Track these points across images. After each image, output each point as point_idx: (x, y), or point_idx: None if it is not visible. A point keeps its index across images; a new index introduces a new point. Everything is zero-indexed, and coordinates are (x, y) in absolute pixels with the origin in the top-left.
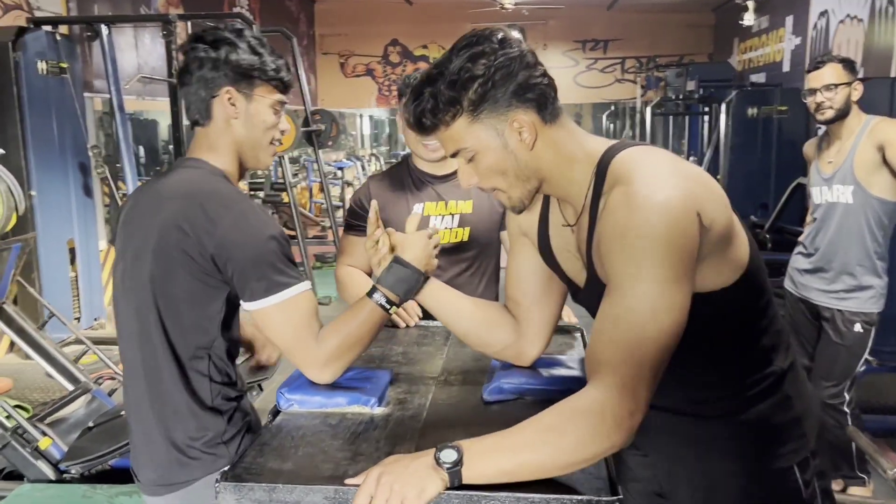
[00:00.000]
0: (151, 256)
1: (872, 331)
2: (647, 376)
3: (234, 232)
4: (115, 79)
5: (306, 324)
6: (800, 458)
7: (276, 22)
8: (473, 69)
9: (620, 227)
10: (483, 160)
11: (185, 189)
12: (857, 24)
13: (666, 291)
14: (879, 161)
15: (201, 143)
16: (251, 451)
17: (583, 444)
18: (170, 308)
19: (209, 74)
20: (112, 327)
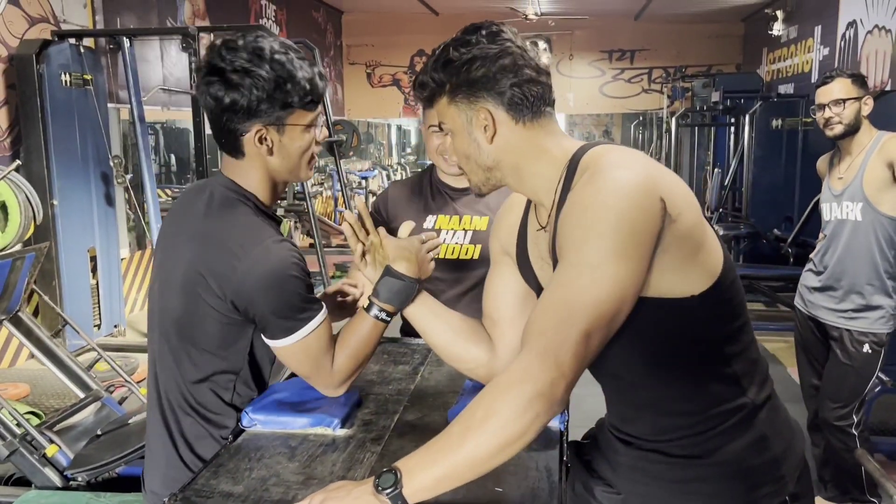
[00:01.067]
0: (178, 298)
1: (882, 352)
2: (575, 343)
3: (252, 276)
4: (136, 90)
5: (324, 353)
6: (776, 501)
7: (304, 33)
8: (451, 54)
9: (576, 201)
10: (454, 140)
11: (208, 229)
12: (885, 35)
13: (610, 263)
14: (889, 178)
15: (237, 171)
16: (205, 473)
17: (507, 422)
18: (195, 344)
19: (228, 116)
20: (132, 334)
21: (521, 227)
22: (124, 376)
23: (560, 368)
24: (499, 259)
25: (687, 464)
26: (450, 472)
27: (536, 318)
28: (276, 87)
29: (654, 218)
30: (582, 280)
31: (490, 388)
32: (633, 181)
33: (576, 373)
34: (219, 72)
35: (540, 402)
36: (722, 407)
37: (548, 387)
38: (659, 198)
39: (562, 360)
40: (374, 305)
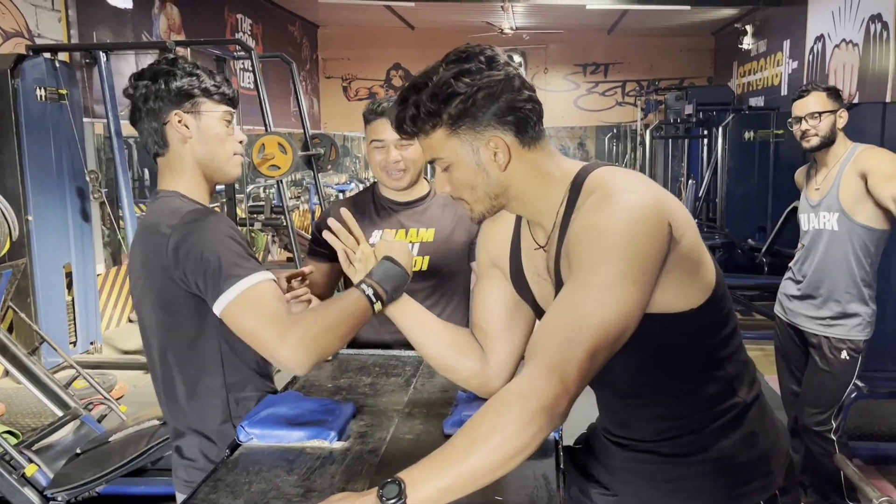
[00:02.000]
0: (148, 303)
1: (860, 358)
2: (580, 361)
3: (183, 244)
4: (113, 104)
5: (270, 309)
6: (767, 495)
7: (280, 47)
8: (456, 86)
9: (588, 225)
10: (456, 172)
11: (144, 226)
12: (852, 49)
13: (619, 286)
14: (864, 189)
15: (164, 173)
16: (204, 487)
17: (511, 436)
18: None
19: (155, 105)
20: (108, 351)
21: (514, 243)
22: (103, 393)
23: (564, 384)
24: (487, 272)
25: (681, 462)
26: (454, 484)
27: (543, 335)
28: (189, 76)
29: (662, 242)
30: (590, 301)
31: (494, 402)
32: (644, 206)
33: (579, 389)
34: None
35: (543, 417)
36: (716, 408)
37: (551, 402)
38: (667, 222)
39: (567, 376)
40: (365, 282)
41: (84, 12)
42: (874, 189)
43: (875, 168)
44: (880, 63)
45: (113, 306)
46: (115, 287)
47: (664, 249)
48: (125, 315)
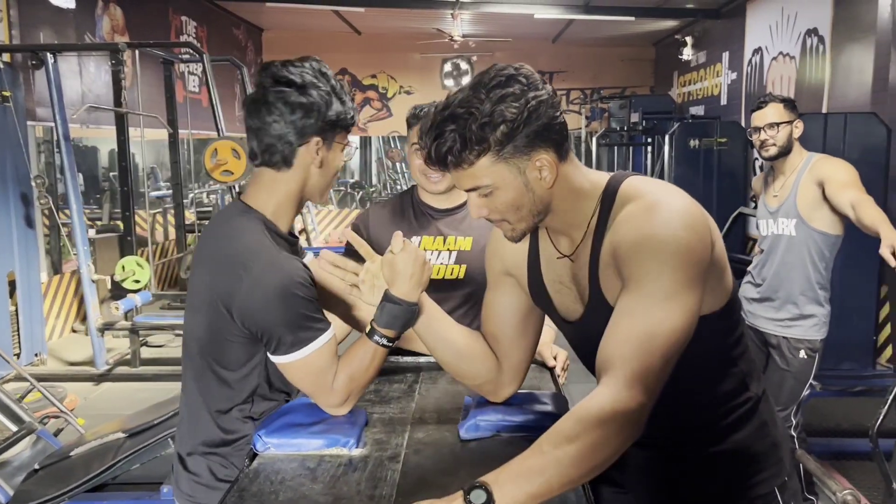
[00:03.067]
0: (200, 320)
1: (817, 357)
2: (657, 370)
3: (257, 293)
4: (61, 107)
5: (326, 372)
6: (780, 481)
7: (224, 50)
8: (505, 112)
9: (641, 232)
10: (501, 196)
11: (219, 250)
12: (789, 62)
13: (683, 293)
14: (820, 196)
15: (264, 184)
16: (231, 498)
17: (600, 445)
18: (218, 363)
19: (301, 122)
20: (53, 363)
21: (532, 252)
22: (60, 406)
23: (647, 394)
24: (500, 280)
25: (698, 456)
26: (543, 490)
27: (618, 345)
28: (340, 104)
29: (709, 246)
30: (660, 311)
31: (582, 413)
32: (692, 213)
33: (656, 396)
34: (288, 81)
35: (630, 427)
36: (731, 402)
37: (637, 412)
38: (708, 226)
39: (648, 386)
40: (375, 332)
41: (26, 13)
42: (832, 196)
43: (832, 176)
44: (816, 75)
45: (56, 316)
46: (58, 295)
47: (710, 252)
48: (69, 325)
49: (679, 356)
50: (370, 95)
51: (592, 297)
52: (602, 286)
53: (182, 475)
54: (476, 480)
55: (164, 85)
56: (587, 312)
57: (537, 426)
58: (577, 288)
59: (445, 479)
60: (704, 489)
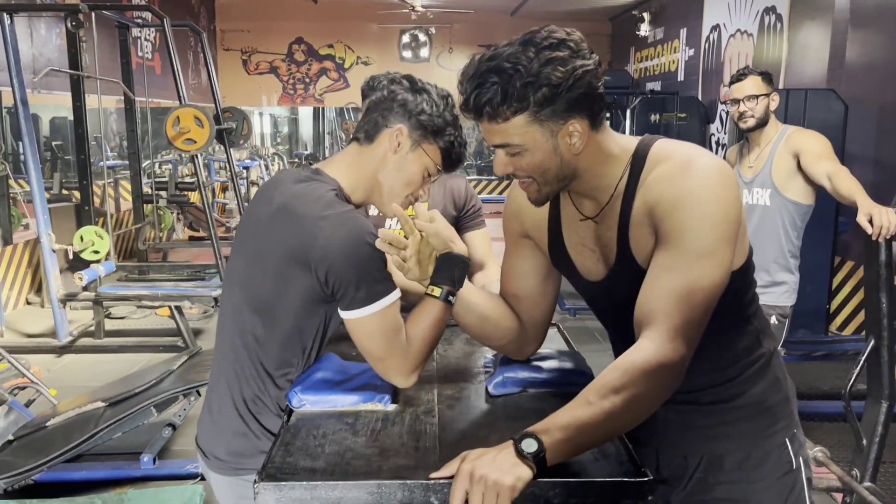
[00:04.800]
0: (264, 273)
1: (787, 322)
2: (698, 323)
3: (334, 242)
4: (18, 70)
5: (397, 333)
6: (790, 433)
7: (177, 15)
8: (552, 75)
9: (679, 190)
10: (528, 157)
11: (291, 202)
12: (746, 39)
13: (720, 249)
14: (794, 167)
15: (348, 157)
16: (278, 451)
17: (646, 396)
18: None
19: (396, 108)
20: (11, 336)
21: (553, 214)
22: (32, 378)
23: (689, 346)
24: (519, 242)
25: (716, 409)
26: (590, 440)
27: (659, 300)
28: (443, 119)
29: (740, 204)
30: (700, 266)
31: (627, 365)
32: (726, 171)
33: (695, 347)
34: (411, 80)
35: (672, 378)
36: (748, 358)
37: (679, 363)
38: (738, 185)
39: (690, 338)
40: (444, 289)
41: None
42: (808, 167)
43: (807, 148)
44: (773, 53)
45: (10, 287)
46: (10, 267)
47: (741, 212)
48: (23, 296)
49: (713, 308)
50: (327, 66)
51: (620, 257)
52: (632, 245)
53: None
54: (525, 430)
55: (119, 50)
56: (612, 272)
57: (563, 382)
58: (601, 249)
59: (483, 432)
60: (721, 442)
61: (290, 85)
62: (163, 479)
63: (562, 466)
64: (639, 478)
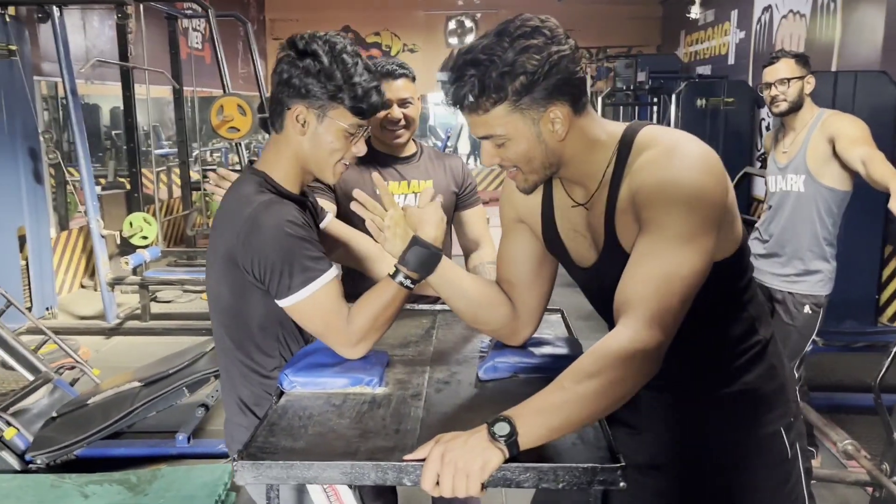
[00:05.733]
0: (217, 278)
1: (821, 312)
2: (675, 310)
3: (250, 239)
4: (68, 62)
5: (335, 310)
6: (785, 422)
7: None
8: (527, 63)
9: (661, 176)
10: (513, 147)
11: (223, 209)
12: (799, 20)
13: (700, 236)
14: (830, 153)
15: (269, 149)
16: (262, 432)
17: (620, 381)
18: (235, 322)
19: (288, 89)
20: (64, 317)
21: (546, 201)
22: (76, 357)
23: (665, 333)
24: (513, 227)
25: (709, 397)
26: (563, 424)
27: (637, 286)
28: (333, 78)
29: (725, 191)
30: (679, 252)
31: (602, 351)
32: (710, 157)
33: (673, 336)
34: (293, 44)
35: (648, 364)
36: (742, 345)
37: (655, 350)
38: (724, 172)
39: (667, 325)
40: (400, 272)
41: None
42: (843, 152)
43: (843, 132)
44: (827, 34)
45: (65, 271)
46: (66, 251)
47: (726, 199)
48: (78, 280)
49: (694, 295)
50: (373, 53)
51: (607, 244)
52: (618, 232)
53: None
54: (500, 414)
55: (168, 41)
56: (601, 259)
57: (553, 367)
58: (591, 235)
59: (467, 416)
60: (715, 429)
61: None
62: (196, 457)
63: (536, 451)
64: (612, 464)
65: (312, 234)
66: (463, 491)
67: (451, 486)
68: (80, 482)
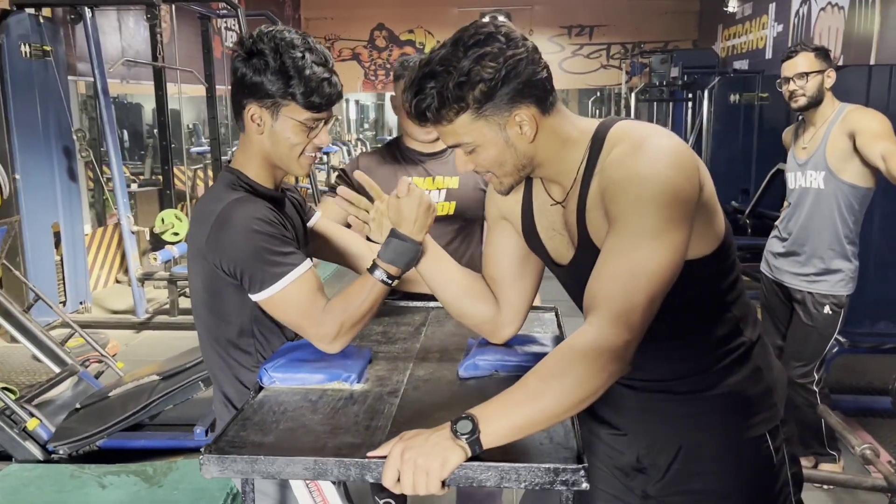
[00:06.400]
0: (194, 274)
1: (842, 313)
2: (642, 308)
3: (221, 236)
4: (100, 62)
5: (310, 302)
6: (771, 426)
7: (262, 5)
8: (483, 72)
9: (628, 171)
10: (484, 153)
11: (197, 208)
12: (837, 12)
13: (669, 232)
14: (850, 148)
15: (240, 148)
16: (234, 426)
17: (584, 381)
18: (214, 317)
19: (240, 88)
20: (97, 311)
21: (526, 199)
22: (100, 351)
23: (631, 331)
24: (497, 224)
25: (693, 399)
26: (527, 423)
27: (603, 284)
28: (280, 75)
29: (696, 186)
30: (645, 249)
31: (567, 350)
32: (679, 151)
33: (642, 334)
34: (242, 44)
35: (614, 363)
36: (725, 347)
37: (622, 349)
38: (696, 166)
39: (632, 323)
40: (378, 268)
41: None
42: (863, 148)
43: (864, 127)
44: (865, 26)
45: (101, 267)
46: (102, 247)
47: (698, 192)
48: (113, 275)
49: (665, 294)
50: (407, 51)
51: (581, 241)
52: (589, 229)
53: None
54: (464, 412)
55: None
56: (576, 256)
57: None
58: (569, 233)
59: (440, 414)
60: (698, 433)
61: (371, 71)
62: None
63: (502, 449)
64: (575, 464)
65: (283, 230)
66: (423, 489)
67: (412, 483)
68: (98, 472)
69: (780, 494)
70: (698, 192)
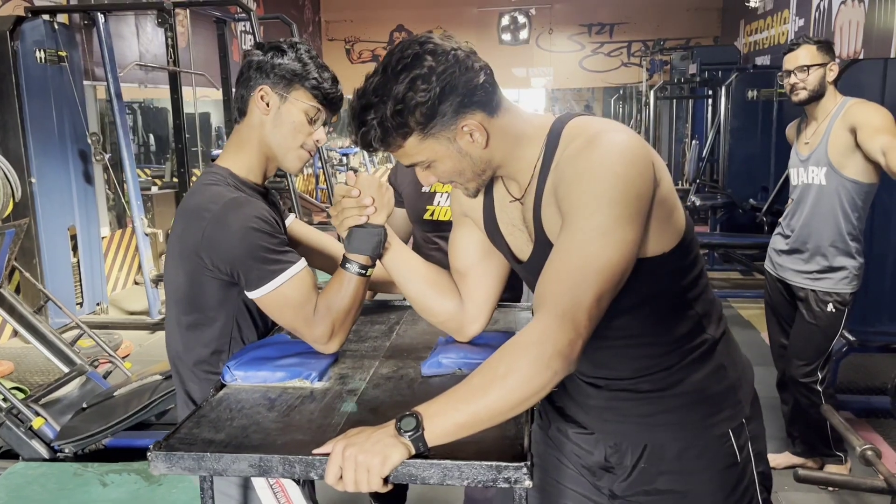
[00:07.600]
0: (176, 270)
1: (846, 311)
2: (589, 306)
3: (217, 233)
4: (112, 67)
5: (302, 304)
6: (734, 424)
7: (281, 9)
8: (416, 96)
9: (581, 169)
10: (440, 167)
11: (187, 204)
12: (858, 6)
13: (619, 228)
14: (852, 143)
15: (232, 141)
16: (188, 423)
17: (528, 378)
18: (194, 314)
19: (253, 73)
20: (114, 312)
21: (487, 195)
22: (108, 351)
23: (577, 329)
24: (461, 220)
25: (657, 397)
26: (471, 421)
27: (550, 282)
28: (296, 60)
29: (650, 182)
30: (593, 246)
31: (511, 347)
32: (632, 147)
33: (590, 332)
34: (260, 47)
35: (559, 361)
36: (687, 345)
37: (567, 347)
38: (651, 162)
39: (578, 321)
40: (348, 260)
41: None
42: (864, 142)
43: (865, 121)
44: (886, 20)
45: (119, 269)
46: (120, 250)
47: (652, 189)
48: (131, 277)
49: (616, 291)
50: None
51: (537, 237)
52: (545, 225)
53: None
54: (409, 410)
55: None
56: (534, 252)
57: None
58: (527, 230)
59: (396, 412)
60: (661, 431)
61: None
62: None
63: (449, 446)
64: (517, 462)
65: (280, 230)
66: (365, 486)
67: (353, 480)
68: (101, 471)
69: (746, 493)
70: (653, 189)
